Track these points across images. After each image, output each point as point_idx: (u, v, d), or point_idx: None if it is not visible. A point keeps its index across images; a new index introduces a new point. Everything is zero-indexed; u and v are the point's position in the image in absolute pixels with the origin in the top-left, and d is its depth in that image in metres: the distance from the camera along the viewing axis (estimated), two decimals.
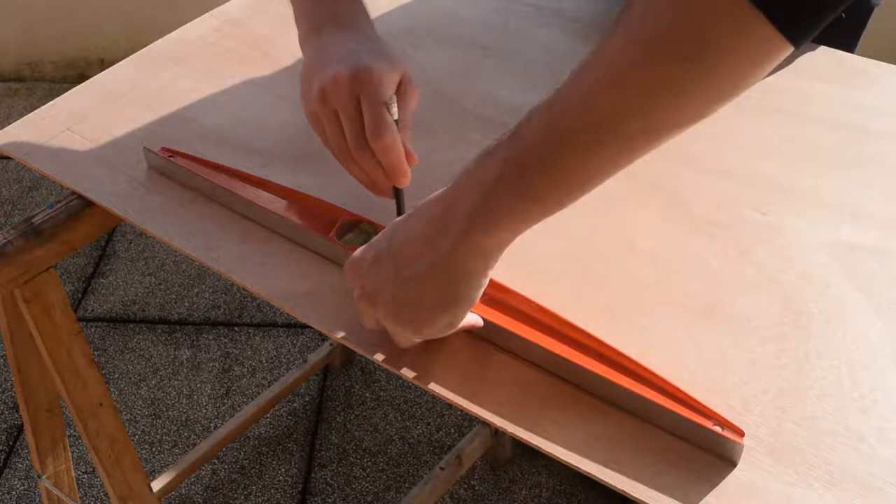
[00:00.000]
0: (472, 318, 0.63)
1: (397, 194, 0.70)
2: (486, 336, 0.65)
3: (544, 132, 0.53)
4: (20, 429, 1.60)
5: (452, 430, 1.58)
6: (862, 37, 0.98)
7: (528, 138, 0.54)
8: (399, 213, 0.70)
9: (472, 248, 0.56)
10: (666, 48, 0.47)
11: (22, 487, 1.51)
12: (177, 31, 0.99)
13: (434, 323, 0.59)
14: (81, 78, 1.92)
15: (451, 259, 0.57)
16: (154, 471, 1.50)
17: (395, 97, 0.68)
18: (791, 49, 0.47)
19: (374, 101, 0.66)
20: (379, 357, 0.64)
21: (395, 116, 0.68)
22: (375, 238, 0.62)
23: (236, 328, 1.77)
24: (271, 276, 0.71)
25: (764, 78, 0.49)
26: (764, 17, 0.45)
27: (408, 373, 0.63)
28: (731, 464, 0.57)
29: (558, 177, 0.53)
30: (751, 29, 0.45)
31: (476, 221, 0.55)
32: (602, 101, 0.50)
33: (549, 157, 0.53)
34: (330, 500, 1.48)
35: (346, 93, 0.67)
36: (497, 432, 1.45)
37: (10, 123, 0.86)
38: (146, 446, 1.56)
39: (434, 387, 0.62)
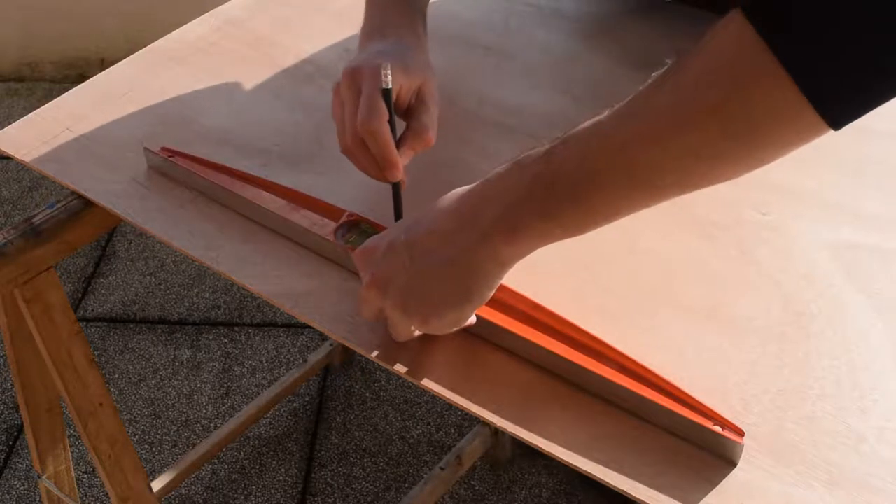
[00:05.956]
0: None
1: (394, 190, 0.70)
2: (486, 335, 0.65)
3: (577, 164, 0.53)
4: (20, 429, 1.60)
5: (452, 430, 1.58)
6: None
7: (562, 164, 0.54)
8: (395, 210, 0.70)
9: (490, 252, 0.56)
10: (713, 122, 0.48)
11: (22, 487, 1.51)
12: (177, 31, 0.99)
13: (442, 317, 0.59)
14: (81, 78, 1.92)
15: (468, 259, 0.57)
16: (154, 471, 1.50)
17: (391, 88, 0.68)
18: (829, 132, 0.48)
19: (371, 90, 0.68)
20: (375, 353, 0.64)
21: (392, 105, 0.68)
22: (391, 227, 0.62)
23: (236, 328, 1.77)
24: (271, 276, 0.71)
25: None
26: (811, 105, 0.46)
27: (401, 368, 0.63)
28: (731, 464, 0.57)
29: (585, 208, 0.54)
30: (798, 114, 0.46)
31: (498, 230, 0.56)
32: (640, 155, 0.51)
33: (580, 190, 0.53)
34: (330, 500, 1.48)
35: (351, 84, 0.70)
36: (497, 432, 1.45)
37: (10, 123, 0.86)
38: (146, 446, 1.56)
39: (433, 385, 0.62)
